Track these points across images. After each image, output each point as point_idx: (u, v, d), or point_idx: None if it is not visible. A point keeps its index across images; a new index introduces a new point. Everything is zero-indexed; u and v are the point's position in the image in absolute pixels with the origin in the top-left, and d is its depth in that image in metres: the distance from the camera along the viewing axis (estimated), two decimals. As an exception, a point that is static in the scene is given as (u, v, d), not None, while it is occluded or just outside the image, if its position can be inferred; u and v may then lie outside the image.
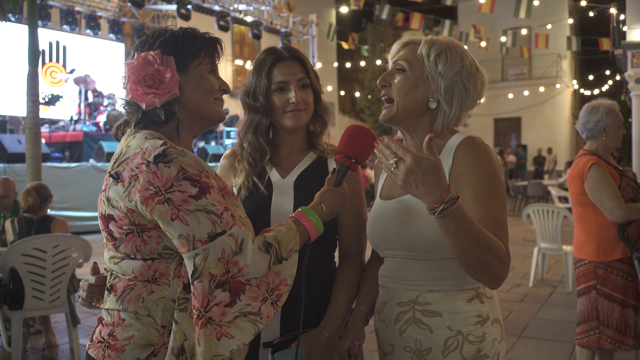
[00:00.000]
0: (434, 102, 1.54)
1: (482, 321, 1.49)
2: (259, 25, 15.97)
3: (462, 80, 1.53)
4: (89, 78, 13.10)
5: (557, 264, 7.32)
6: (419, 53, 1.56)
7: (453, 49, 1.54)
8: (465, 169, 1.46)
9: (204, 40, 1.42)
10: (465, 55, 1.55)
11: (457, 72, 1.52)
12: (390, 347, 1.57)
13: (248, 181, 1.75)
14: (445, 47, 1.54)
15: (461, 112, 1.56)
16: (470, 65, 1.55)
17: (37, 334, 4.71)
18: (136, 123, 1.39)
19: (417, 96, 1.54)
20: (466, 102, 1.55)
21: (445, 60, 1.53)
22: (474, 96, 1.56)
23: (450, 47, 1.54)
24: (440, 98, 1.54)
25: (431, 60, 1.53)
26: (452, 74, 1.52)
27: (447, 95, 1.53)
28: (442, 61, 1.53)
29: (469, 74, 1.54)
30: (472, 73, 1.54)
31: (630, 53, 10.26)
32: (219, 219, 1.26)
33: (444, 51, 1.53)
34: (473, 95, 1.56)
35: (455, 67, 1.52)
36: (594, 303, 3.04)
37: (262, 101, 1.74)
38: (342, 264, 1.78)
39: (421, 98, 1.55)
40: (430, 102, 1.54)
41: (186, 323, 1.29)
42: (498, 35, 18.21)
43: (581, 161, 3.09)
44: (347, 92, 26.63)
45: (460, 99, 1.54)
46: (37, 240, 3.93)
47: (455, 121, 1.57)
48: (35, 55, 6.87)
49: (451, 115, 1.54)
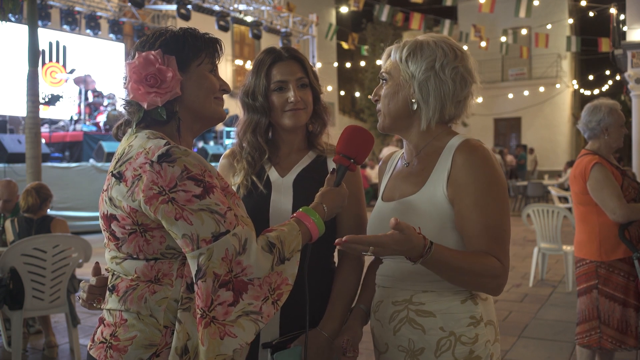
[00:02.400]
0: (414, 103, 1.55)
1: (475, 322, 1.49)
2: (259, 25, 15.96)
3: (436, 73, 1.51)
4: (89, 78, 13.09)
5: (557, 264, 7.32)
6: (393, 59, 1.57)
7: (424, 45, 1.53)
8: (463, 175, 1.46)
9: (204, 40, 1.43)
10: (439, 47, 1.52)
11: (428, 67, 1.51)
12: (385, 346, 1.58)
13: (247, 180, 1.76)
14: (414, 47, 1.53)
15: (444, 105, 1.53)
16: (445, 55, 1.51)
17: (37, 334, 4.70)
18: (137, 123, 1.40)
19: (398, 102, 1.56)
20: (447, 94, 1.52)
21: (416, 59, 1.52)
22: (458, 84, 1.52)
23: (421, 44, 1.53)
24: (417, 98, 1.53)
25: (403, 63, 1.54)
26: (422, 70, 1.51)
27: (422, 93, 1.53)
28: (413, 61, 1.53)
29: (442, 65, 1.51)
30: (447, 62, 1.51)
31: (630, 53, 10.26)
32: (223, 218, 1.27)
33: (413, 51, 1.53)
34: (456, 83, 1.52)
35: (426, 62, 1.51)
36: (595, 302, 3.04)
37: (261, 101, 1.75)
38: (341, 264, 1.78)
39: (402, 103, 1.56)
40: (411, 105, 1.55)
41: (189, 323, 1.29)
42: (498, 35, 18.21)
43: (583, 160, 3.09)
44: (347, 92, 26.63)
45: (437, 92, 1.52)
46: (37, 240, 3.92)
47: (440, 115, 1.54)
48: (35, 55, 6.86)
49: (431, 112, 1.53)
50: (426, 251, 1.33)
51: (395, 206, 1.56)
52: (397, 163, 1.70)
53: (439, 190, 1.49)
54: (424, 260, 1.34)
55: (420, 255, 1.34)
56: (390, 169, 1.73)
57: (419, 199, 1.52)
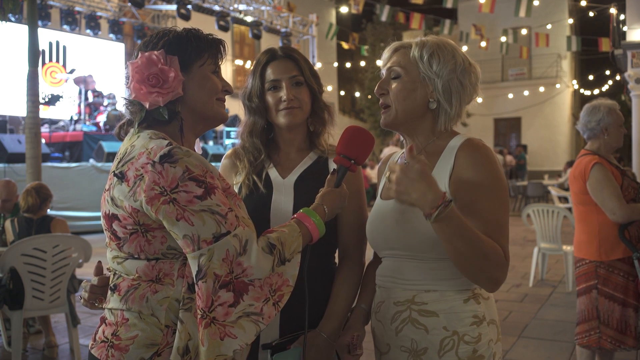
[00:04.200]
0: (434, 102, 1.56)
1: (478, 322, 1.49)
2: (259, 25, 15.96)
3: (458, 76, 1.54)
4: (90, 78, 13.09)
5: (557, 264, 7.32)
6: (412, 56, 1.57)
7: (444, 47, 1.56)
8: (466, 173, 1.47)
9: (207, 41, 1.43)
10: (457, 52, 1.57)
11: (451, 69, 1.54)
12: (387, 346, 1.58)
13: (248, 179, 1.76)
14: (436, 47, 1.55)
15: (461, 108, 1.58)
16: (463, 60, 1.56)
17: (37, 334, 4.71)
18: (139, 122, 1.40)
19: (416, 99, 1.56)
20: (464, 98, 1.57)
21: (439, 60, 1.54)
22: (470, 91, 1.58)
23: (441, 46, 1.56)
24: (439, 97, 1.55)
25: (425, 62, 1.55)
26: (447, 72, 1.53)
27: (445, 94, 1.55)
28: (436, 61, 1.54)
29: (462, 69, 1.55)
30: (465, 68, 1.56)
31: (630, 53, 10.26)
32: (224, 219, 1.27)
33: (436, 51, 1.55)
34: (469, 89, 1.58)
35: (449, 64, 1.54)
36: (594, 303, 3.04)
37: (256, 102, 1.76)
38: (341, 264, 1.78)
39: (421, 100, 1.56)
40: (430, 103, 1.56)
41: (191, 323, 1.29)
42: (498, 35, 18.21)
43: (583, 160, 3.09)
44: (347, 92, 26.63)
45: (458, 95, 1.56)
46: (37, 240, 3.93)
47: (458, 117, 1.59)
48: (35, 55, 6.86)
49: (452, 113, 1.56)
50: (443, 204, 1.27)
51: (395, 204, 1.55)
52: (397, 162, 1.71)
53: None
54: (438, 215, 1.28)
55: (435, 205, 1.28)
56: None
57: None
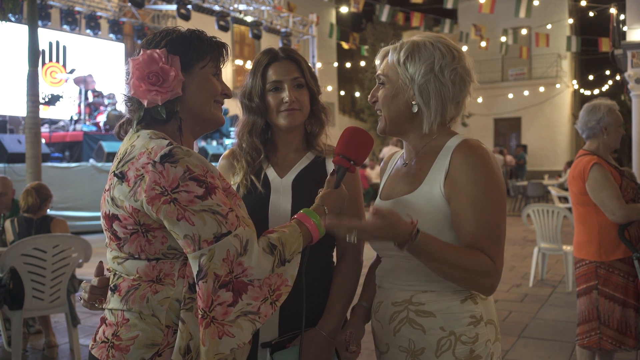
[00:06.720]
0: (415, 106, 1.54)
1: (475, 322, 1.49)
2: (259, 25, 15.96)
3: (436, 75, 1.50)
4: (90, 78, 13.08)
5: (557, 264, 7.32)
6: (390, 61, 1.56)
7: (422, 47, 1.52)
8: (461, 174, 1.46)
9: (210, 43, 1.43)
10: (437, 48, 1.51)
11: (427, 70, 1.50)
12: (386, 346, 1.59)
13: (246, 179, 1.76)
14: (412, 49, 1.52)
15: (444, 107, 1.53)
16: (443, 56, 1.51)
17: (37, 334, 4.71)
18: (138, 121, 1.40)
19: (399, 105, 1.55)
20: (448, 96, 1.52)
21: (414, 62, 1.51)
22: (457, 85, 1.52)
23: (418, 46, 1.52)
24: (418, 101, 1.53)
25: (402, 66, 1.53)
26: (422, 73, 1.50)
27: (423, 97, 1.52)
28: (411, 63, 1.52)
29: (441, 67, 1.50)
30: (446, 64, 1.51)
31: (630, 53, 10.27)
32: (225, 219, 1.27)
33: (410, 53, 1.52)
34: (456, 85, 1.52)
35: (425, 65, 1.50)
36: (594, 303, 3.04)
37: (257, 101, 1.76)
38: (340, 263, 1.79)
39: (404, 106, 1.55)
40: (412, 107, 1.54)
41: (192, 322, 1.30)
42: (498, 35, 18.21)
43: (582, 161, 3.09)
44: (347, 92, 26.63)
45: (439, 95, 1.51)
46: (37, 240, 3.92)
47: (441, 117, 1.54)
48: (35, 55, 6.86)
49: (432, 116, 1.53)
50: (412, 237, 1.36)
51: (393, 204, 1.57)
52: (397, 162, 1.71)
53: (435, 189, 1.49)
54: (409, 247, 1.37)
55: (406, 241, 1.36)
56: (390, 168, 1.74)
57: (415, 197, 1.52)
